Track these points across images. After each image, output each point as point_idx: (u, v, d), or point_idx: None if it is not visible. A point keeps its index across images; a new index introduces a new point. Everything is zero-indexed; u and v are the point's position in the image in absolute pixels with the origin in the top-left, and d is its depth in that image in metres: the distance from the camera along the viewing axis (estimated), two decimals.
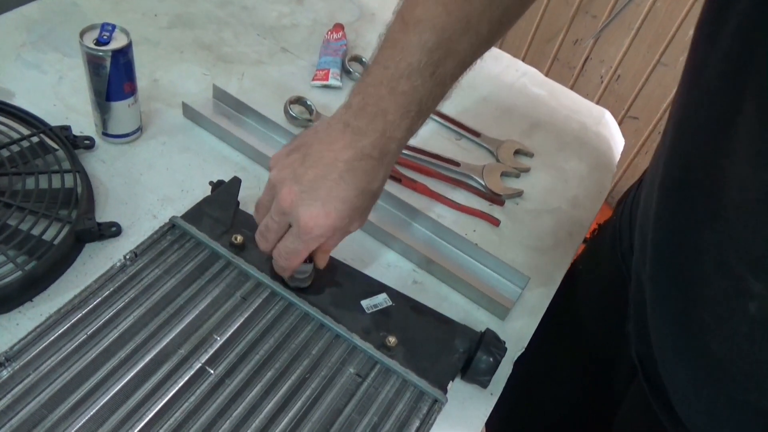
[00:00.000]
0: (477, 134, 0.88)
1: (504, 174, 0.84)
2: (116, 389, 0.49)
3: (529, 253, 0.76)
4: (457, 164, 0.83)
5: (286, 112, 0.82)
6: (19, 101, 0.73)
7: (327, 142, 0.52)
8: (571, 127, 0.97)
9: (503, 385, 0.62)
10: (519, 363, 0.65)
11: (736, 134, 0.40)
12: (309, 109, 0.84)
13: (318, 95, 0.88)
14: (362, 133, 0.51)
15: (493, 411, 0.61)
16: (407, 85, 0.50)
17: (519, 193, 0.82)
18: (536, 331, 0.68)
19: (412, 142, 0.71)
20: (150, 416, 0.49)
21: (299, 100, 0.84)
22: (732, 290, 0.43)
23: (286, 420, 0.51)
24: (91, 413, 0.48)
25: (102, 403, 0.49)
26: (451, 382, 0.57)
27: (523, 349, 0.66)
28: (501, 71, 1.02)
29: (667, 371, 0.54)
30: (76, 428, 0.47)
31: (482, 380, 0.59)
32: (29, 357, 0.50)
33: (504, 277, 0.71)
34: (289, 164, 0.53)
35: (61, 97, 0.77)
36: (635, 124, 1.92)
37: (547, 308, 0.71)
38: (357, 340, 0.56)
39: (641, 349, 0.59)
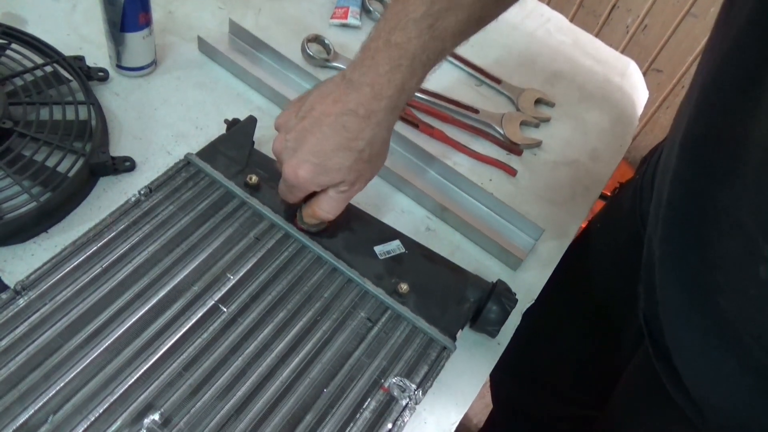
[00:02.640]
0: (498, 81, 0.86)
1: (523, 123, 0.82)
2: (130, 322, 0.50)
3: (545, 205, 0.75)
4: (476, 111, 0.81)
5: (303, 51, 0.80)
6: (32, 29, 0.72)
7: (322, 95, 0.51)
8: (594, 77, 0.94)
9: (511, 335, 0.63)
10: (527, 316, 0.65)
11: (764, 92, 0.39)
12: (327, 48, 0.82)
13: (336, 34, 0.85)
14: (353, 87, 0.49)
15: (496, 362, 0.62)
16: (401, 37, 0.48)
17: (538, 144, 0.80)
18: (547, 286, 0.68)
19: (431, 86, 0.69)
20: (163, 350, 0.49)
21: (317, 39, 0.82)
22: (744, 252, 0.43)
23: (296, 360, 0.52)
24: (107, 344, 0.49)
25: (117, 335, 0.49)
26: (460, 330, 0.58)
27: (533, 301, 0.66)
28: (525, 16, 0.99)
29: (673, 335, 0.54)
30: (91, 358, 0.48)
31: (491, 330, 0.60)
32: (45, 287, 0.50)
33: (518, 227, 0.70)
34: (288, 113, 0.54)
35: (75, 26, 0.75)
36: (659, 77, 1.87)
37: (560, 264, 0.71)
38: (369, 286, 0.57)
39: (649, 312, 0.59)
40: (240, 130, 0.65)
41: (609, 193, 0.85)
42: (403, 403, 0.52)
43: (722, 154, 0.44)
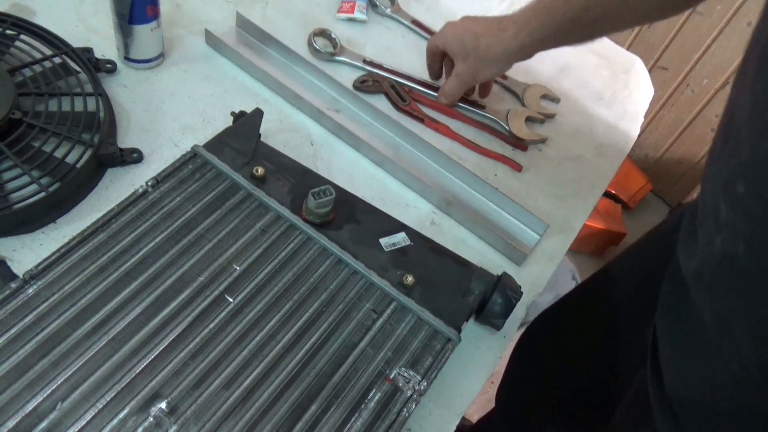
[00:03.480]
0: (504, 76, 0.86)
1: (529, 119, 0.82)
2: (138, 312, 0.50)
3: (550, 200, 0.75)
4: (482, 107, 0.81)
5: (309, 44, 0.80)
6: (40, 20, 0.72)
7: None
8: (600, 73, 0.94)
9: (516, 328, 0.63)
10: (537, 326, 0.65)
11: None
12: (333, 42, 0.82)
13: (343, 28, 0.86)
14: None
15: (501, 381, 0.62)
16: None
17: (543, 140, 0.81)
18: (562, 301, 0.68)
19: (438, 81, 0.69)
20: (170, 340, 0.50)
21: (323, 33, 0.82)
22: (712, 223, 0.44)
23: (302, 351, 0.52)
24: (114, 333, 0.49)
25: (124, 325, 0.50)
26: (465, 322, 0.58)
27: (538, 295, 0.66)
28: None
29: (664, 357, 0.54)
30: (99, 347, 0.48)
31: (496, 323, 0.60)
32: (53, 276, 0.51)
33: (523, 222, 0.71)
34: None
35: (83, 17, 0.75)
36: (664, 75, 1.86)
37: (580, 284, 0.70)
38: (374, 277, 0.57)
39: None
40: (246, 122, 0.65)
41: (613, 191, 0.85)
42: (408, 393, 0.52)
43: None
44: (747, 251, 0.43)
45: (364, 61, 0.81)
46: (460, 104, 0.81)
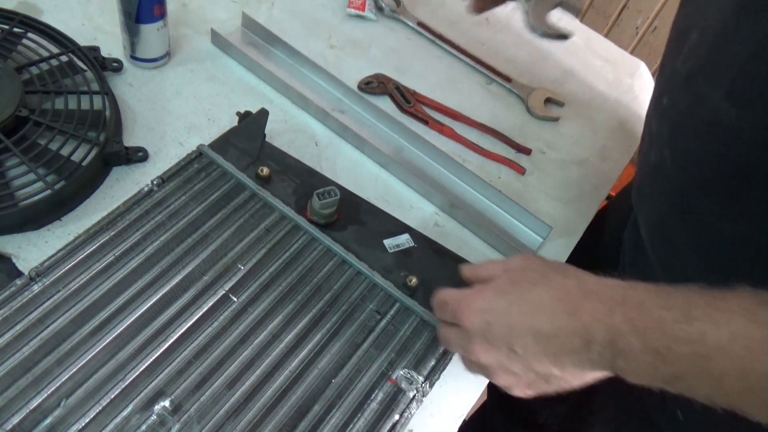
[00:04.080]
0: (508, 79, 0.86)
1: (549, 100, 0.85)
2: (142, 310, 0.51)
3: (553, 203, 0.75)
4: (508, 80, 0.86)
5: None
6: (47, 18, 0.72)
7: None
8: (604, 77, 0.94)
9: None
10: None
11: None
12: (397, 1, 0.89)
13: (350, 27, 0.86)
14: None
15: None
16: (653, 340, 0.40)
17: (556, 118, 0.84)
18: None
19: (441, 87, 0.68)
20: (174, 338, 0.50)
21: None
22: (647, 139, 0.54)
23: (305, 351, 0.52)
24: (118, 331, 0.49)
25: (129, 323, 0.50)
26: None
27: None
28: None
29: None
30: (103, 344, 0.48)
31: None
32: (59, 274, 0.51)
33: (526, 225, 0.71)
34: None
35: (90, 16, 0.75)
36: None
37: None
38: (378, 278, 0.57)
39: None
40: (252, 122, 0.65)
41: (614, 194, 0.85)
42: (411, 395, 0.52)
43: None
44: (671, 155, 0.50)
45: (419, 24, 0.89)
46: (489, 75, 0.85)
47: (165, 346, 0.50)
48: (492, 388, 1.06)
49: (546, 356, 0.44)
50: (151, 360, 0.49)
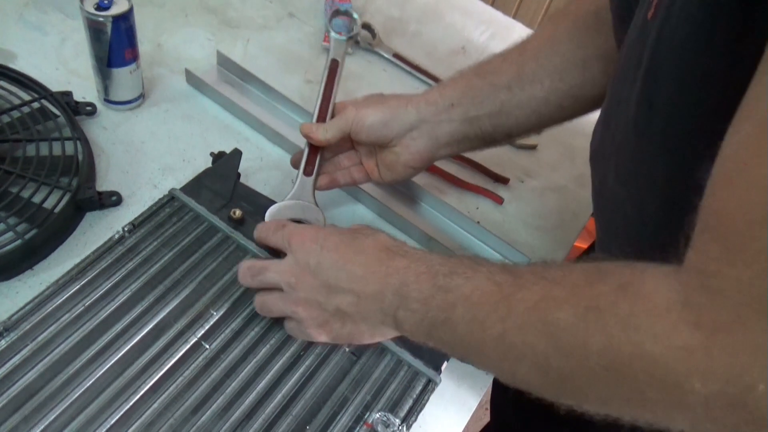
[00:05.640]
0: None
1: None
2: (112, 362, 0.50)
3: (533, 232, 0.75)
4: None
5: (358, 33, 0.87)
6: (21, 63, 0.73)
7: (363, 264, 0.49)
8: None
9: None
10: None
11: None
12: (372, 33, 0.91)
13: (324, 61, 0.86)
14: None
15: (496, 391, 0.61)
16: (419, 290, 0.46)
17: (533, 146, 0.84)
18: None
19: None
20: (145, 389, 0.49)
21: (366, 26, 0.91)
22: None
23: (279, 396, 0.51)
24: (88, 384, 0.49)
25: (98, 375, 0.49)
26: (445, 362, 0.57)
27: None
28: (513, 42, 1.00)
29: None
30: (72, 399, 0.48)
31: None
32: (28, 327, 0.50)
33: (505, 256, 0.71)
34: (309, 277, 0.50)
35: (64, 60, 0.76)
36: None
37: None
38: None
39: None
40: (225, 163, 0.65)
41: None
42: None
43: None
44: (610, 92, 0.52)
45: (394, 55, 0.90)
46: None
47: (136, 398, 0.49)
48: (493, 405, 1.06)
49: (350, 295, 0.48)
50: (122, 412, 0.48)
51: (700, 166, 0.35)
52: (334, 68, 0.65)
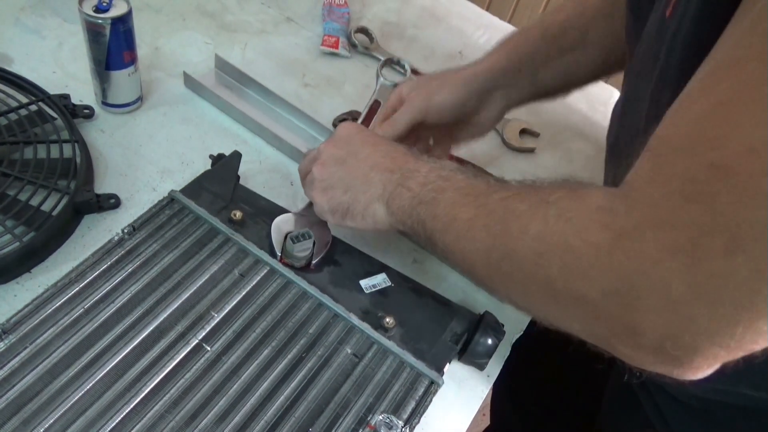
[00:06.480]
0: None
1: (524, 131, 0.86)
2: (112, 364, 0.49)
3: None
4: None
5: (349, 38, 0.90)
6: (18, 67, 0.72)
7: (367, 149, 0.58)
8: (579, 106, 0.95)
9: (500, 367, 0.62)
10: (517, 347, 0.64)
11: None
12: (370, 37, 0.91)
13: (323, 65, 0.86)
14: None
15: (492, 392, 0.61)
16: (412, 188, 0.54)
17: (531, 149, 0.84)
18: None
19: None
20: (146, 392, 0.49)
21: (363, 30, 0.92)
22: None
23: (281, 398, 0.51)
24: (88, 387, 0.48)
25: (98, 378, 0.49)
26: (448, 363, 0.57)
27: (521, 333, 0.66)
28: None
29: None
30: (72, 402, 0.47)
31: (480, 363, 0.59)
32: (26, 330, 0.50)
33: None
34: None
35: (61, 63, 0.75)
36: None
37: None
38: (355, 320, 0.56)
39: None
40: (225, 165, 0.65)
41: None
42: None
43: None
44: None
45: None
46: None
47: (136, 401, 0.48)
48: (494, 410, 1.05)
49: (365, 165, 0.55)
50: (123, 415, 0.47)
51: None
52: (375, 108, 0.68)
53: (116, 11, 0.64)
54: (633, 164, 0.38)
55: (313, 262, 0.60)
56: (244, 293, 0.56)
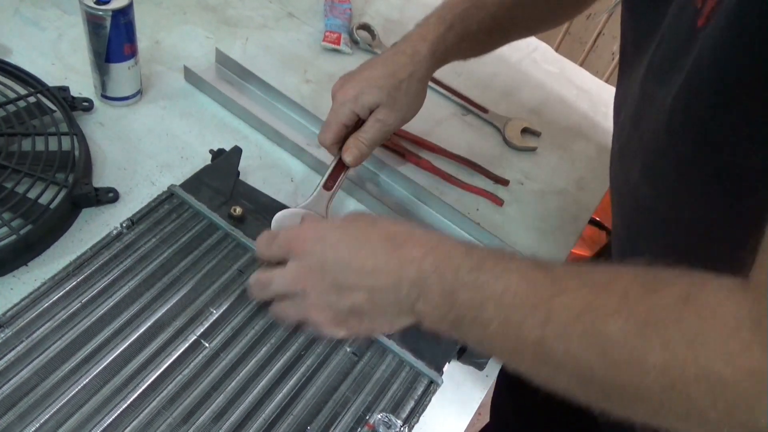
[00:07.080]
0: (484, 110, 0.86)
1: (525, 130, 0.85)
2: (110, 359, 0.49)
3: (533, 234, 0.75)
4: (485, 111, 0.86)
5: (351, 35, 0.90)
6: (17, 59, 0.72)
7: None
8: (580, 106, 0.94)
9: (499, 367, 0.62)
10: None
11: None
12: (372, 34, 0.92)
13: (325, 62, 0.86)
14: (406, 38, 0.65)
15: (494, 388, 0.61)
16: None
17: (533, 148, 0.84)
18: None
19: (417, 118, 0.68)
20: (143, 387, 0.48)
21: (365, 27, 0.92)
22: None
23: (280, 396, 0.51)
24: (84, 382, 0.48)
25: (95, 373, 0.48)
26: (447, 363, 0.57)
27: None
28: (511, 45, 0.99)
29: None
30: (68, 397, 0.47)
31: (479, 363, 0.59)
32: (23, 323, 0.49)
33: None
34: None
35: (60, 55, 0.75)
36: None
37: None
38: None
39: None
40: (225, 160, 0.64)
41: (598, 219, 0.85)
42: None
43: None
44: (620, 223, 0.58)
45: None
46: (465, 105, 0.86)
47: (133, 397, 0.48)
48: (494, 406, 1.05)
49: (363, 291, 0.46)
50: (119, 411, 0.47)
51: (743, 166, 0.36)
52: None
53: (117, 3, 0.63)
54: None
55: None
56: (242, 289, 0.56)
